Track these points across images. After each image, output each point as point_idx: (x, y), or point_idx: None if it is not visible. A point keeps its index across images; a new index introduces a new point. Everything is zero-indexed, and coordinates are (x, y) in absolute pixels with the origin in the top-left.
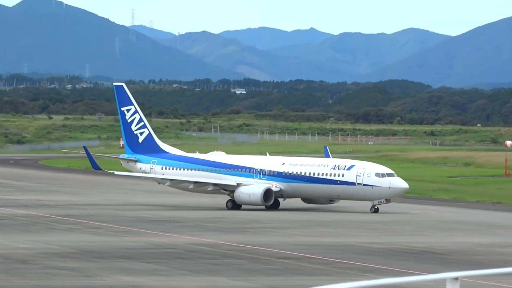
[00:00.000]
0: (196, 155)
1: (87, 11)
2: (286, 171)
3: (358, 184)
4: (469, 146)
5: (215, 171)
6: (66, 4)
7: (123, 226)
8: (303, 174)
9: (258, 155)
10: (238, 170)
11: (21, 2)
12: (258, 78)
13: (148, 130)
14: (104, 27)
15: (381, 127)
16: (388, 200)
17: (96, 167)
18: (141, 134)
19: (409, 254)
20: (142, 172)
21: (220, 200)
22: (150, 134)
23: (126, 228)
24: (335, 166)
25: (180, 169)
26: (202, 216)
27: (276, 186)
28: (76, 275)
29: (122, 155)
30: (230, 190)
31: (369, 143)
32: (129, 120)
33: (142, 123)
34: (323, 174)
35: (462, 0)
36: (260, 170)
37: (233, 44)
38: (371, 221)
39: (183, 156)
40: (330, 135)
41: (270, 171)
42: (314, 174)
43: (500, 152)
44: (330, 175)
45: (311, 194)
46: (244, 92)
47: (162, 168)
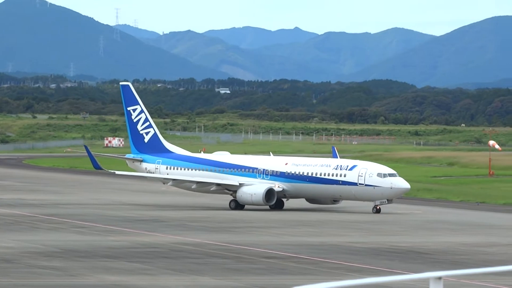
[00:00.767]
0: (201, 155)
1: (71, 10)
2: (289, 171)
3: (360, 184)
4: (453, 146)
5: (219, 171)
6: (50, 3)
7: (107, 226)
8: (305, 174)
9: (261, 155)
10: (241, 170)
11: (5, 1)
12: (242, 77)
13: (154, 130)
14: (89, 26)
15: (365, 127)
16: (390, 201)
17: (97, 167)
18: (146, 134)
19: (393, 254)
20: (147, 172)
21: (208, 200)
22: (155, 134)
23: (110, 227)
24: (337, 166)
25: (184, 169)
26: (187, 215)
27: (278, 186)
28: (60, 274)
29: (128, 155)
30: (232, 190)
31: (353, 143)
32: (135, 120)
33: (148, 123)
34: (325, 174)
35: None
36: (264, 170)
37: (217, 43)
38: (357, 221)
39: (188, 156)
40: (314, 134)
41: (273, 171)
42: (317, 174)
43: (484, 152)
44: (332, 175)
45: (313, 194)
46: (228, 91)
47: (167, 168)
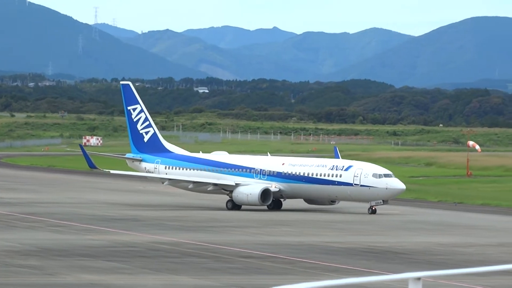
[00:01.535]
0: (199, 154)
1: (50, 9)
2: (286, 171)
3: (355, 184)
4: (431, 146)
5: (217, 171)
6: (29, 2)
7: (84, 224)
8: (302, 174)
9: (259, 155)
10: (239, 170)
11: None
12: (221, 77)
13: (154, 130)
14: (67, 25)
15: (343, 126)
16: (385, 201)
17: (92, 166)
18: (146, 133)
19: (371, 254)
20: (146, 172)
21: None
22: (155, 133)
23: (87, 226)
24: (333, 166)
25: (183, 168)
26: (164, 214)
27: (275, 187)
28: (37, 273)
29: (127, 155)
30: (229, 190)
31: (331, 143)
32: (135, 119)
33: (148, 123)
34: (321, 175)
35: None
36: (261, 170)
37: (196, 42)
38: (334, 220)
39: (186, 155)
40: (293, 134)
41: (270, 171)
42: (313, 174)
43: (462, 152)
44: (328, 176)
45: (310, 195)
46: (207, 91)
47: (166, 167)
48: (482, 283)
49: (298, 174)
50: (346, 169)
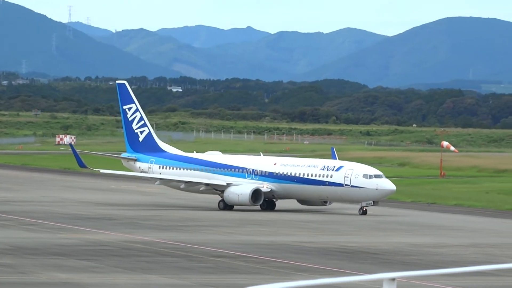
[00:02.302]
0: (193, 154)
1: (24, 7)
2: (277, 172)
3: (346, 185)
4: (404, 147)
5: (210, 171)
6: (3, 0)
7: (57, 223)
8: (293, 174)
9: (252, 155)
10: (232, 170)
11: None
12: (194, 76)
13: (149, 129)
14: (41, 23)
15: (316, 126)
16: (375, 202)
17: (82, 165)
18: (141, 133)
19: (343, 254)
20: (141, 171)
21: (154, 198)
22: (150, 133)
23: (60, 225)
24: (324, 167)
25: (176, 168)
26: (138, 214)
27: (267, 187)
28: (10, 272)
29: (123, 154)
30: (221, 190)
31: (304, 142)
32: (130, 119)
33: (143, 122)
34: (312, 175)
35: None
36: (253, 170)
37: (170, 42)
38: (307, 220)
39: (180, 155)
40: (266, 134)
41: (262, 171)
42: (304, 174)
43: (435, 153)
44: (319, 176)
45: (301, 195)
46: (180, 90)
47: (160, 167)
48: (456, 283)
49: (289, 174)
50: (337, 169)
